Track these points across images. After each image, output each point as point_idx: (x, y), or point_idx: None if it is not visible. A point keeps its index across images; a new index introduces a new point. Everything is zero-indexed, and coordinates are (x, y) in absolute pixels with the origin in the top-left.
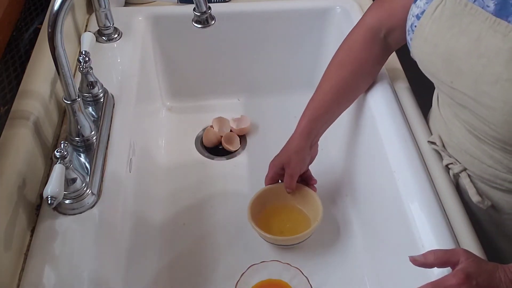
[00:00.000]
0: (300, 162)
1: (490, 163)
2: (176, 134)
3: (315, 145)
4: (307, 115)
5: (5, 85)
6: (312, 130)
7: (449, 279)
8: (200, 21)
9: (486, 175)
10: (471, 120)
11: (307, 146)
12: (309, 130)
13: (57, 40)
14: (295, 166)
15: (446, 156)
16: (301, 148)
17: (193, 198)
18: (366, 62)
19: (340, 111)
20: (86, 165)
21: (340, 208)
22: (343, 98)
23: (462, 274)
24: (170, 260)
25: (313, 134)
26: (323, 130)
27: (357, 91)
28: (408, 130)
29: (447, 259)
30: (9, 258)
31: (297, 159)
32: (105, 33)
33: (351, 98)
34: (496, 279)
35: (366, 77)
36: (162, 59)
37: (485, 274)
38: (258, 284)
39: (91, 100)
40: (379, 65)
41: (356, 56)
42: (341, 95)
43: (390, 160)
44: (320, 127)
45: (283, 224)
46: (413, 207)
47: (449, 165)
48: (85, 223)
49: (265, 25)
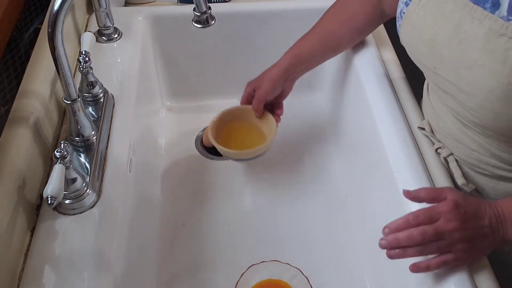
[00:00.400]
0: (269, 90)
1: (474, 147)
2: (176, 134)
3: (290, 81)
4: (291, 51)
5: (5, 85)
6: (290, 65)
7: (441, 206)
8: (200, 21)
9: (470, 160)
10: (454, 106)
11: (280, 78)
12: (287, 64)
13: (57, 40)
14: (263, 92)
15: (436, 141)
16: (274, 78)
17: (193, 198)
18: (357, 15)
19: (323, 59)
20: (86, 165)
21: (340, 208)
22: (328, 47)
23: (451, 203)
24: (170, 260)
25: (290, 70)
26: (301, 70)
27: (344, 44)
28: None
29: (436, 195)
30: (9, 258)
31: (267, 86)
32: (105, 33)
33: (336, 49)
34: (481, 210)
35: (354, 31)
36: (162, 59)
37: (472, 205)
38: (258, 284)
39: (91, 100)
40: (370, 25)
41: (349, 7)
42: (326, 44)
43: (390, 162)
44: (299, 67)
45: (242, 141)
46: (413, 207)
47: (438, 149)
48: (85, 223)
49: (265, 25)
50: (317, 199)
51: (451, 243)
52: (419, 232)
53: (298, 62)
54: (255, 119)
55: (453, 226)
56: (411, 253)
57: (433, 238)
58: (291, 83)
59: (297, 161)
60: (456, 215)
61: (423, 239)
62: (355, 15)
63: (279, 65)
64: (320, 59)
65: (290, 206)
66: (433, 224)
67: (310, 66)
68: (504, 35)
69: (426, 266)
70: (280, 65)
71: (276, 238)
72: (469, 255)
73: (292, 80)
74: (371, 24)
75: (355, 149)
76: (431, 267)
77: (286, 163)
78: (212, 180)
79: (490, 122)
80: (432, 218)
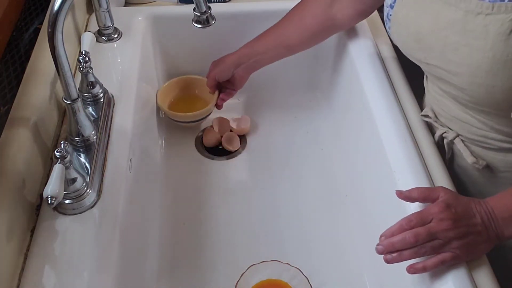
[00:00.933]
0: (220, 71)
1: (478, 125)
2: (176, 134)
3: (242, 70)
4: (249, 43)
5: (5, 85)
6: (243, 54)
7: (432, 208)
8: (200, 21)
9: (476, 137)
10: (450, 90)
11: (232, 63)
12: (241, 53)
13: (57, 40)
14: (215, 72)
15: (440, 126)
16: (226, 61)
17: (193, 198)
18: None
19: (277, 56)
20: (86, 165)
21: (340, 208)
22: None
23: (443, 204)
24: (170, 260)
25: (243, 58)
26: (254, 62)
27: (295, 43)
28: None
29: (428, 194)
30: (9, 258)
31: (220, 67)
32: (105, 33)
33: (289, 48)
34: (472, 209)
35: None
36: (162, 59)
37: (462, 205)
38: (258, 284)
39: (91, 100)
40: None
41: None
42: (278, 42)
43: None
44: (252, 58)
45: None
46: (413, 207)
47: (444, 134)
48: (85, 223)
49: (265, 25)
50: (317, 199)
51: (446, 242)
52: (412, 234)
53: (252, 53)
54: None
55: (445, 226)
56: (407, 256)
57: (426, 239)
58: (244, 73)
59: (297, 161)
60: (447, 215)
61: (416, 241)
62: (305, 17)
63: (236, 52)
64: (274, 56)
65: (290, 206)
66: (426, 225)
67: (264, 60)
68: (480, 13)
69: (423, 266)
70: (236, 52)
71: (276, 238)
72: (466, 252)
73: (245, 69)
74: (321, 28)
75: (355, 149)
76: (428, 267)
77: (286, 163)
78: (212, 180)
79: (484, 97)
80: (425, 220)
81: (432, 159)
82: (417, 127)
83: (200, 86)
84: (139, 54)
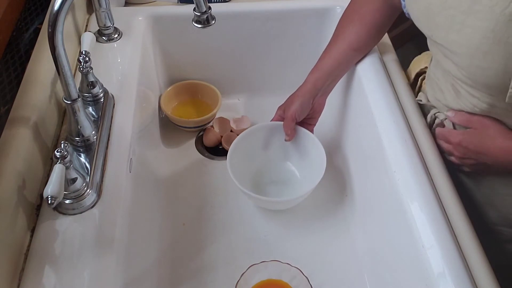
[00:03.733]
0: (299, 108)
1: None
2: (176, 134)
3: (320, 97)
4: (315, 67)
5: (5, 85)
6: (317, 80)
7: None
8: (200, 21)
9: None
10: (451, 68)
11: (310, 95)
12: (314, 80)
13: (57, 40)
14: (292, 111)
15: (432, 107)
16: (302, 94)
17: (193, 198)
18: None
19: (350, 64)
20: (86, 165)
21: (340, 208)
22: (351, 52)
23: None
24: (170, 260)
25: (318, 85)
26: (330, 83)
27: (365, 45)
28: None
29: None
30: (9, 258)
31: (296, 104)
32: (105, 33)
33: (360, 50)
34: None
35: (372, 29)
36: (162, 59)
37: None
38: (258, 284)
39: (91, 100)
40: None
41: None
42: (348, 51)
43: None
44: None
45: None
46: (413, 207)
47: (436, 113)
48: (85, 223)
49: (265, 25)
50: (317, 198)
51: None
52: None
53: (324, 75)
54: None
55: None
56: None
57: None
58: (322, 100)
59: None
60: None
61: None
62: (368, 15)
63: (306, 82)
64: (347, 63)
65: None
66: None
67: (339, 74)
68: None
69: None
70: (307, 82)
71: (276, 238)
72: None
73: (322, 96)
74: (386, 18)
75: (355, 148)
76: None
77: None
78: (212, 180)
79: (479, 79)
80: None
81: (432, 159)
82: (417, 127)
83: (202, 91)
84: (139, 54)
